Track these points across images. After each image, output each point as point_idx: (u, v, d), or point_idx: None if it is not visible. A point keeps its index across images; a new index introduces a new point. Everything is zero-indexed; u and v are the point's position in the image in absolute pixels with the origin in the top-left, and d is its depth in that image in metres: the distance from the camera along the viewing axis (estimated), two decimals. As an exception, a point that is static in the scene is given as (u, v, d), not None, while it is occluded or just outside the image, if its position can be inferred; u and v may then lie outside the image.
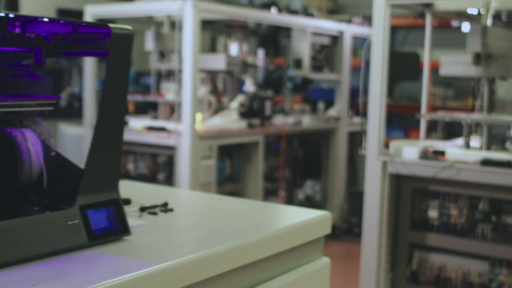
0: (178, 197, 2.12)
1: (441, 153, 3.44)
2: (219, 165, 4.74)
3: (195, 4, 4.24)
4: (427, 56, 4.12)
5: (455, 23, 5.45)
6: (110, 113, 1.51)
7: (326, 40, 5.83)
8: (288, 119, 5.49)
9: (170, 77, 4.87)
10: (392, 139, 4.14)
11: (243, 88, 5.28)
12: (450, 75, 3.79)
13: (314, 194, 6.19)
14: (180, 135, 4.38)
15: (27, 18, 1.47)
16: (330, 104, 6.41)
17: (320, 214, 1.89)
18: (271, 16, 5.26)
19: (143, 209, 1.84)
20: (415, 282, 3.68)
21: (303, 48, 5.54)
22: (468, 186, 3.42)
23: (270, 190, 5.50)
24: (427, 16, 4.06)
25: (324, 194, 6.16)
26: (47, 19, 1.49)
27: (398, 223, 3.69)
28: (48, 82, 1.62)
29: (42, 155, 1.53)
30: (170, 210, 1.86)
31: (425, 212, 3.60)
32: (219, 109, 5.01)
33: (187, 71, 4.31)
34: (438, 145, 3.73)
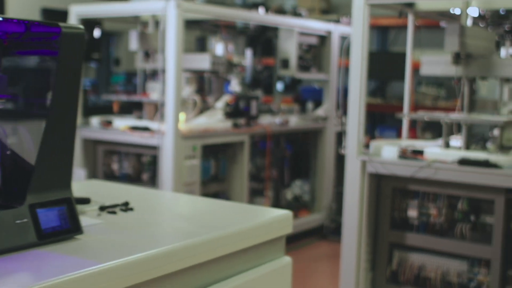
0: (144, 196, 2.12)
1: (419, 152, 3.45)
2: (203, 165, 4.74)
3: (178, 4, 4.24)
4: (409, 56, 4.12)
5: (443, 23, 5.45)
6: (61, 112, 1.51)
7: (313, 40, 5.83)
8: (275, 119, 5.49)
9: (156, 77, 4.87)
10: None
11: (228, 88, 5.28)
12: (431, 75, 3.79)
13: (303, 194, 6.18)
14: (163, 135, 4.38)
15: (-20, 17, 1.47)
16: (321, 104, 6.41)
17: (281, 214, 1.88)
18: (257, 16, 5.27)
19: (102, 208, 1.84)
20: (395, 282, 3.68)
21: (290, 48, 5.54)
22: (447, 186, 3.43)
23: (257, 190, 5.50)
24: (409, 16, 4.06)
25: (312, 194, 6.16)
26: (1, 18, 1.49)
27: (378, 222, 3.69)
28: (3, 81, 1.62)
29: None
30: (130, 210, 1.86)
31: (405, 212, 3.60)
32: (205, 109, 5.00)
33: (171, 70, 4.31)
34: (419, 144, 3.73)
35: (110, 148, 4.90)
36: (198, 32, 6.77)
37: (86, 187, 2.23)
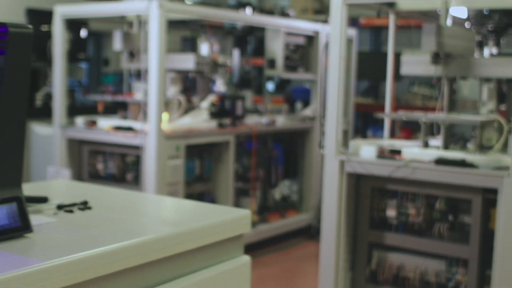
0: (108, 196, 2.12)
1: (397, 152, 3.45)
2: (188, 165, 4.74)
3: (161, 4, 4.24)
4: (391, 56, 4.12)
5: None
6: (9, 111, 1.51)
7: (301, 40, 5.83)
8: (262, 119, 5.49)
9: (141, 77, 4.87)
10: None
11: (214, 88, 5.28)
12: (411, 75, 3.79)
13: (291, 194, 6.18)
14: (146, 135, 4.38)
15: None
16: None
17: (238, 213, 1.89)
18: (242, 16, 5.27)
19: (60, 207, 1.84)
20: (375, 282, 3.67)
21: (277, 48, 5.54)
22: (425, 185, 3.42)
23: (244, 190, 5.50)
24: (390, 16, 4.06)
25: (300, 194, 6.16)
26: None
27: (358, 222, 3.69)
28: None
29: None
30: (89, 208, 1.86)
31: (384, 212, 3.60)
32: (190, 109, 5.01)
33: (153, 70, 4.32)
34: (399, 144, 3.73)
35: (95, 148, 4.90)
36: (188, 32, 6.77)
37: (51, 186, 2.23)
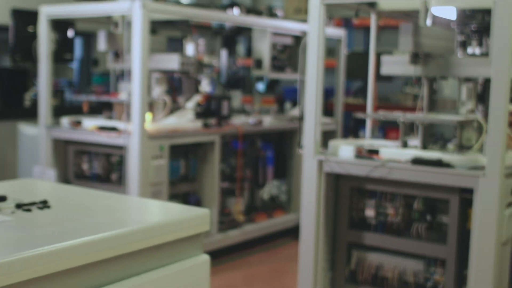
0: (71, 195, 2.12)
1: (375, 152, 3.45)
2: (172, 165, 4.74)
3: (144, 4, 4.25)
4: (372, 56, 4.12)
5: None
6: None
7: (288, 40, 5.84)
8: (250, 119, 5.49)
9: (125, 77, 4.88)
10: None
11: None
12: (391, 74, 3.79)
13: (280, 194, 6.18)
14: (129, 135, 4.38)
15: None
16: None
17: (197, 212, 1.89)
18: (228, 16, 5.28)
19: (19, 206, 1.85)
20: (354, 282, 3.67)
21: (264, 48, 5.55)
22: (403, 185, 3.42)
23: (231, 190, 5.50)
24: (372, 16, 4.06)
25: (289, 194, 6.16)
26: None
27: (337, 222, 3.69)
28: None
29: None
30: (47, 207, 1.87)
31: (363, 211, 3.60)
32: (175, 109, 5.01)
33: (136, 70, 4.32)
34: (378, 144, 3.73)
35: (80, 148, 4.91)
36: (178, 33, 6.77)
37: (14, 186, 2.23)
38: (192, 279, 1.88)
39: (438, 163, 3.23)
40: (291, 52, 5.93)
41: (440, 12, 4.29)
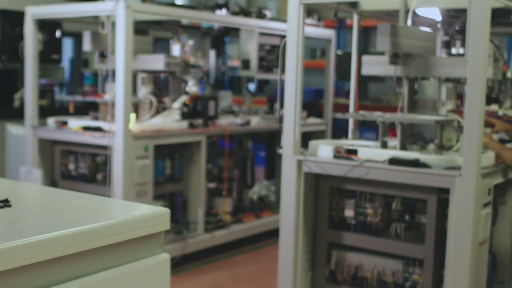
0: (35, 193, 2.13)
1: (353, 152, 3.45)
2: (157, 165, 4.75)
3: (128, 4, 4.25)
4: (355, 56, 4.13)
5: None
6: None
7: (276, 41, 5.84)
8: (237, 119, 5.50)
9: (109, 77, 4.89)
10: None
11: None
12: (372, 75, 3.79)
13: (269, 194, 6.19)
14: (114, 135, 4.39)
15: None
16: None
17: (156, 211, 1.89)
18: (214, 16, 5.28)
19: (-21, 204, 1.86)
20: (334, 282, 3.68)
21: (251, 49, 5.56)
22: (382, 185, 3.43)
23: (219, 190, 5.51)
24: (354, 16, 4.07)
25: (277, 194, 6.16)
26: None
27: (317, 222, 3.70)
28: None
29: None
30: (8, 206, 1.87)
31: (343, 211, 3.61)
32: (162, 109, 5.02)
33: (120, 71, 4.33)
34: (358, 144, 3.74)
35: (65, 148, 4.92)
36: (169, 33, 6.78)
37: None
38: (152, 278, 1.88)
39: (415, 163, 3.23)
40: (279, 53, 5.93)
41: (424, 12, 4.30)
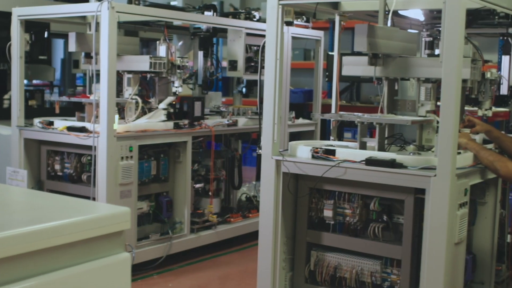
0: (1, 193, 2.15)
1: (331, 152, 3.46)
2: (142, 165, 4.76)
3: (112, 5, 4.27)
4: (336, 57, 4.14)
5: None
6: None
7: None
8: (225, 120, 5.51)
9: (94, 78, 4.89)
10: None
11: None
12: (352, 75, 3.81)
13: (258, 195, 6.19)
14: (98, 135, 4.41)
15: None
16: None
17: (116, 210, 1.91)
18: (199, 16, 5.30)
19: None
20: (314, 282, 3.68)
21: (238, 50, 5.57)
22: (360, 186, 3.43)
23: (206, 190, 5.51)
24: (336, 17, 4.08)
25: (266, 195, 6.17)
26: None
27: (296, 222, 3.70)
28: None
29: None
30: (-31, 205, 1.89)
31: (322, 212, 3.61)
32: (148, 110, 5.03)
33: (104, 71, 4.34)
34: (337, 144, 3.75)
35: (52, 148, 4.93)
36: (159, 34, 6.79)
37: None
38: (112, 276, 1.90)
39: (391, 164, 3.24)
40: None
41: (408, 13, 4.32)
